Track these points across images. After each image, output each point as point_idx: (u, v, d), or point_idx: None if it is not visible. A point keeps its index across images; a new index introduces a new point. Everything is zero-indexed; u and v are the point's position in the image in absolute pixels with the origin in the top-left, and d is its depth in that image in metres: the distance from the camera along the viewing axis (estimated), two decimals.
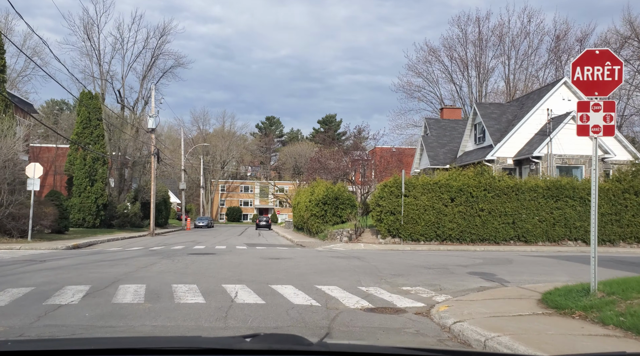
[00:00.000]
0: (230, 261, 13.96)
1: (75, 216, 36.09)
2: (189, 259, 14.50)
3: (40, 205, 21.93)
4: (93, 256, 15.85)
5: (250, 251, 18.96)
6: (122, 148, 46.25)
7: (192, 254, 16.54)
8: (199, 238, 30.97)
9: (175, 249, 19.78)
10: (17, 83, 46.09)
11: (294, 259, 15.03)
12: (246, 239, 31.21)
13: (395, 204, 22.71)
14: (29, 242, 20.59)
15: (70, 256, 15.43)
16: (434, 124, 36.95)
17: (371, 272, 11.93)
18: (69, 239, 23.78)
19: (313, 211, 29.67)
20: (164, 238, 32.31)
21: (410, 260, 15.54)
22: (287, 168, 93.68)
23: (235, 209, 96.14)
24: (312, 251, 19.16)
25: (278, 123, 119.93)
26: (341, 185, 30.52)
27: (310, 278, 10.46)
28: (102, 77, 43.92)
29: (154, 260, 13.76)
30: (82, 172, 36.81)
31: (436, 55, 48.04)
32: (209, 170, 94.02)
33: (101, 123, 38.74)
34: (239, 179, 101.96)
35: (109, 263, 13.04)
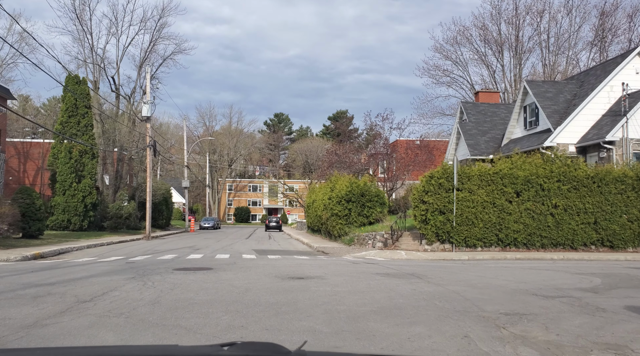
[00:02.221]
0: (230, 284, 9.13)
1: (58, 218, 31.46)
2: (170, 280, 9.68)
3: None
4: (30, 275, 11.08)
5: (261, 262, 14.13)
6: (117, 141, 41.65)
7: (180, 269, 11.72)
8: (199, 243, 26.20)
9: (162, 259, 14.98)
10: (1, 71, 41.64)
11: (325, 279, 10.17)
12: (255, 243, 26.40)
13: (445, 201, 17.79)
14: None
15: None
16: (471, 109, 31.96)
17: (465, 309, 7.07)
18: (35, 247, 19.09)
19: (334, 210, 24.82)
20: (159, 242, 27.58)
21: (494, 279, 10.65)
22: (297, 166, 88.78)
23: (244, 209, 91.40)
24: (343, 263, 14.29)
25: (287, 120, 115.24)
26: (367, 178, 25.65)
27: (374, 331, 5.63)
28: (94, 61, 39.31)
29: (113, 284, 8.96)
30: (67, 167, 32.15)
31: (466, 36, 43.00)
32: (215, 169, 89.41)
33: (90, 111, 34.07)
34: (247, 178, 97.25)
35: (36, 291, 8.25)
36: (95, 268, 12.34)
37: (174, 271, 11.45)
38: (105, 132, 41.23)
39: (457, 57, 44.54)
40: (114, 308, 6.60)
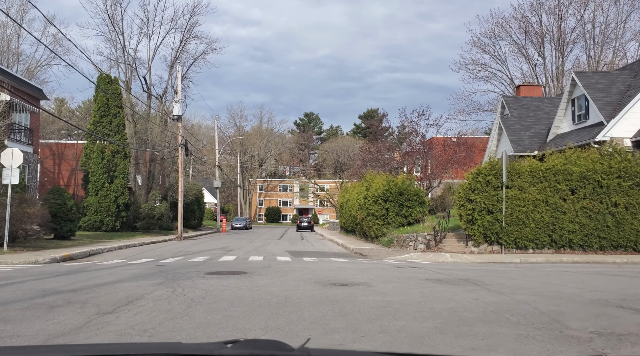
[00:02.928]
0: (267, 292, 8.21)
1: (91, 218, 31.32)
2: (201, 286, 8.84)
3: (22, 204, 16.82)
4: (54, 279, 10.41)
5: (297, 265, 13.21)
6: (149, 142, 41.49)
7: (212, 274, 10.89)
8: (232, 244, 25.52)
9: (193, 262, 14.23)
10: (36, 72, 42.04)
11: (372, 286, 9.16)
12: (288, 244, 25.55)
13: (494, 199, 16.52)
14: (4, 253, 15.46)
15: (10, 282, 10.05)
16: (513, 104, 30.36)
17: (545, 326, 5.96)
18: (66, 248, 18.66)
19: (370, 210, 23.76)
20: (191, 243, 27.03)
21: (562, 286, 9.45)
22: (328, 166, 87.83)
23: (274, 209, 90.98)
24: (386, 267, 13.23)
25: (317, 120, 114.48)
26: (405, 177, 24.48)
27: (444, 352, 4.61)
28: (126, 61, 39.23)
29: (139, 291, 8.16)
30: (100, 167, 31.99)
31: (504, 28, 41.22)
32: (246, 169, 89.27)
33: (121, 111, 33.88)
34: (278, 178, 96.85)
35: (54, 299, 7.50)
36: (123, 271, 11.64)
37: (206, 275, 10.62)
38: (137, 132, 41.12)
39: (495, 50, 42.83)
40: (138, 323, 5.74)
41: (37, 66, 42.25)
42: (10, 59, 38.02)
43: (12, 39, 38.66)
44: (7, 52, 37.89)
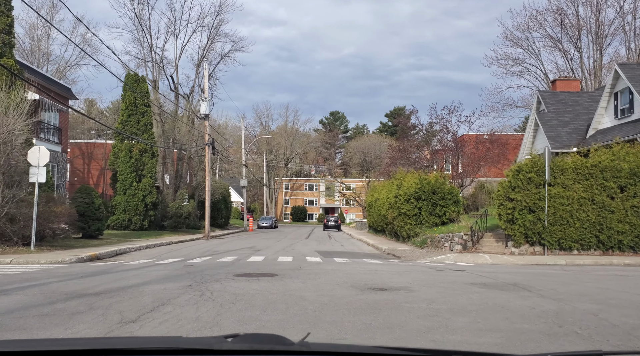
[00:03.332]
0: (301, 297, 7.61)
1: (119, 217, 31.30)
2: (231, 289, 8.28)
3: (49, 203, 16.61)
4: (78, 281, 10.01)
5: (329, 267, 12.59)
6: (176, 141, 41.44)
7: (241, 275, 10.35)
8: (259, 243, 25.06)
9: (222, 262, 13.74)
10: (65, 72, 42.43)
11: (414, 291, 8.47)
12: (316, 244, 24.96)
13: (536, 198, 15.60)
14: (31, 252, 15.25)
15: (34, 284, 9.68)
16: (550, 99, 29.14)
17: (624, 343, 5.20)
18: (93, 247, 18.44)
19: (402, 209, 22.98)
20: (218, 242, 26.69)
21: (624, 293, 8.61)
22: (354, 164, 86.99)
23: (300, 208, 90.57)
24: (423, 269, 12.50)
25: (343, 118, 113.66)
26: (438, 174, 23.62)
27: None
28: (153, 61, 39.23)
29: (166, 295, 7.65)
30: (128, 166, 31.95)
31: (538, 21, 39.76)
32: (272, 168, 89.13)
33: (149, 110, 33.81)
34: (303, 177, 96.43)
35: (76, 304, 7.04)
36: (149, 272, 11.20)
37: (235, 277, 10.09)
38: (165, 131, 41.13)
39: (529, 44, 41.38)
40: (163, 334, 5.19)
41: (67, 66, 42.67)
42: (41, 60, 38.42)
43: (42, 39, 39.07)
44: (37, 52, 38.30)
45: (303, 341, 1.88)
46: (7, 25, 17.83)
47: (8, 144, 15.35)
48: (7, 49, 17.88)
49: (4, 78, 16.77)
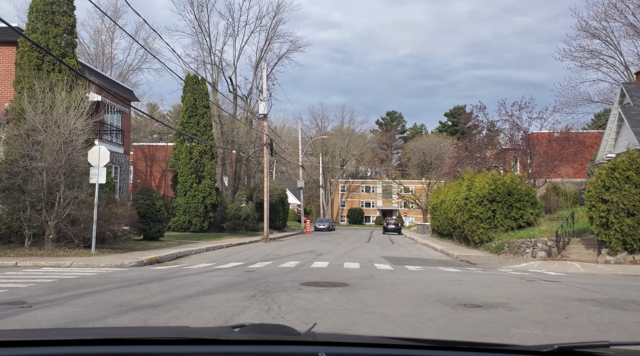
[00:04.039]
0: (383, 316, 6.47)
1: (180, 219, 31.26)
2: (300, 303, 7.27)
3: (110, 205, 16.30)
4: (135, 289, 9.31)
5: (403, 276, 11.38)
6: (235, 142, 41.34)
7: (308, 284, 9.34)
8: (319, 246, 24.10)
9: (284, 268, 12.82)
10: (128, 76, 43.31)
11: (514, 308, 7.15)
12: (380, 248, 23.72)
13: (635, 199, 13.73)
14: (91, 255, 14.93)
15: (89, 291, 9.04)
16: (636, 91, 26.49)
17: None
18: (153, 250, 18.05)
19: (474, 212, 21.36)
20: (277, 245, 25.95)
21: None
22: (413, 165, 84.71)
23: (357, 210, 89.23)
24: (511, 280, 11.05)
25: (400, 118, 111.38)
26: (513, 174, 21.82)
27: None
28: (212, 62, 39.29)
29: (228, 309, 6.73)
30: (188, 167, 31.91)
31: (619, 8, 36.66)
32: (328, 170, 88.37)
33: (208, 111, 33.72)
34: (360, 179, 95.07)
35: (130, 320, 6.22)
36: (210, 279, 10.40)
37: (302, 286, 9.08)
38: (223, 133, 41.13)
39: (607, 35, 38.30)
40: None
41: (129, 70, 43.53)
42: (105, 64, 39.29)
43: (106, 44, 39.98)
44: (101, 57, 39.22)
45: (310, 331, 1.88)
46: (70, 26, 17.77)
47: (69, 144, 15.13)
48: (70, 49, 17.81)
49: (66, 78, 16.65)
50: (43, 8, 17.16)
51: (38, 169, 14.83)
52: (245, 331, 1.82)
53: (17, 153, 15.00)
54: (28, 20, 17.43)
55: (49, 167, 14.83)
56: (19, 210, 14.86)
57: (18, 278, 10.46)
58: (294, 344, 1.77)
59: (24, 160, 14.86)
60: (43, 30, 17.10)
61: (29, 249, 14.84)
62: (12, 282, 9.68)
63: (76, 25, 18.18)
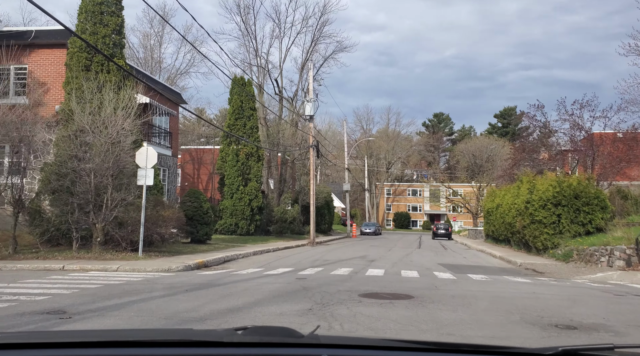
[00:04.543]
0: (464, 338, 5.53)
1: (227, 221, 30.99)
2: (364, 320, 6.40)
3: (157, 207, 15.94)
4: (182, 297, 8.69)
5: (471, 287, 10.32)
6: (280, 145, 40.95)
7: (368, 296, 8.46)
8: (369, 252, 23.15)
9: (337, 276, 11.98)
10: (175, 80, 43.71)
11: (619, 332, 6.04)
12: (434, 254, 22.54)
13: None
14: (138, 258, 14.56)
15: (133, 300, 8.46)
16: None
17: None
18: (201, 253, 17.61)
19: (536, 216, 19.92)
20: (325, 249, 25.17)
21: None
22: (461, 168, 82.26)
23: (403, 214, 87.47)
24: (595, 293, 9.80)
25: (447, 120, 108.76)
26: (580, 176, 20.23)
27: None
28: (258, 64, 39.06)
29: (285, 325, 5.95)
30: (234, 170, 31.63)
31: None
32: (373, 173, 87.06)
33: (255, 113, 33.39)
34: (406, 182, 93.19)
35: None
36: (260, 286, 9.68)
37: (362, 298, 8.22)
38: (269, 135, 40.85)
39: None
40: None
41: (177, 73, 43.91)
42: (153, 68, 39.70)
43: (154, 49, 40.41)
44: (150, 61, 39.66)
45: (313, 334, 1.86)
46: (118, 26, 17.61)
47: (117, 145, 14.84)
48: (118, 50, 17.65)
49: (114, 78, 16.44)
50: (92, 8, 17.05)
51: (86, 171, 14.60)
52: (248, 334, 1.81)
53: (65, 155, 14.83)
54: (77, 21, 17.37)
55: (97, 168, 14.58)
56: (67, 212, 14.67)
57: (63, 282, 10.06)
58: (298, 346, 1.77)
59: (72, 161, 14.67)
60: (92, 31, 16.98)
61: (76, 252, 14.61)
62: (57, 287, 9.27)
63: (124, 26, 18.02)
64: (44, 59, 19.86)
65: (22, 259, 13.83)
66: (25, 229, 15.96)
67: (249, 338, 1.78)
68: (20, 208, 15.08)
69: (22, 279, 10.53)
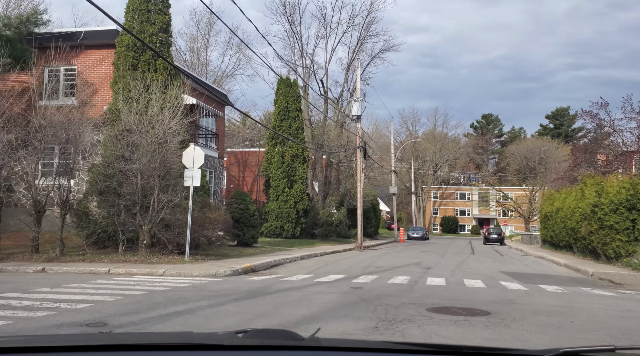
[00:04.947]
0: None
1: (272, 224, 30.46)
2: (442, 341, 5.45)
3: (204, 209, 15.41)
4: (230, 308, 7.99)
5: (549, 300, 9.16)
6: (325, 146, 40.22)
7: (437, 311, 7.50)
8: (422, 257, 22.02)
9: (397, 285, 11.02)
10: (221, 82, 43.74)
11: None
12: (491, 261, 21.19)
13: None
14: (185, 262, 14.05)
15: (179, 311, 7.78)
16: None
17: None
18: (248, 257, 17.00)
19: (606, 221, 18.31)
20: (374, 255, 24.17)
21: None
22: (512, 171, 79.21)
23: (451, 218, 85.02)
24: None
25: (496, 121, 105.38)
26: None
27: None
28: (303, 65, 38.51)
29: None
30: (280, 171, 31.09)
31: None
32: (419, 176, 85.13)
33: (300, 114, 32.79)
34: (453, 185, 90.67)
35: None
36: (314, 296, 8.87)
37: (431, 313, 7.26)
38: (314, 137, 40.20)
39: None
40: None
41: (223, 76, 43.95)
42: (200, 70, 39.80)
43: (201, 51, 40.52)
44: (197, 64, 39.77)
45: (314, 336, 1.86)
46: (165, 24, 17.30)
47: (163, 145, 14.41)
48: (165, 48, 17.32)
49: (161, 77, 16.07)
50: (139, 7, 16.79)
51: (132, 171, 14.23)
52: (249, 337, 1.81)
53: (112, 155, 14.52)
54: (125, 20, 17.15)
55: (144, 169, 14.18)
56: (113, 214, 14.33)
57: (107, 288, 9.56)
58: (299, 349, 1.77)
59: (118, 162, 14.33)
60: (139, 29, 16.70)
61: (122, 255, 14.25)
62: (100, 294, 8.75)
63: (171, 24, 17.69)
64: (93, 59, 19.82)
65: (68, 261, 13.57)
66: (73, 231, 15.78)
67: (249, 341, 1.77)
68: (67, 209, 14.87)
69: (67, 283, 10.12)
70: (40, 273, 12.13)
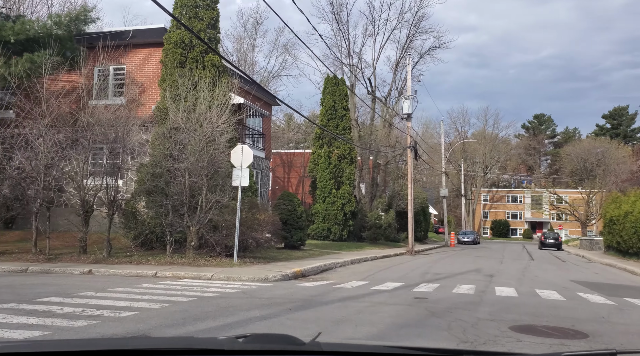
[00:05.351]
0: None
1: (319, 226, 29.72)
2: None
3: (252, 210, 14.77)
4: (286, 320, 7.18)
5: None
6: (373, 146, 39.18)
7: (524, 332, 6.47)
8: (479, 263, 20.73)
9: (463, 296, 9.98)
10: (267, 83, 43.46)
11: None
12: (555, 268, 19.67)
13: None
14: (233, 265, 13.43)
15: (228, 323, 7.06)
16: None
17: None
18: (296, 260, 16.27)
19: None
20: (427, 260, 23.02)
21: None
22: (567, 173, 75.56)
23: (502, 222, 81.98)
24: None
25: (549, 121, 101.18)
26: None
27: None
28: (350, 64, 37.64)
29: None
30: (327, 172, 30.31)
31: None
32: (468, 178, 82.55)
33: (347, 114, 31.94)
34: (504, 188, 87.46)
35: None
36: (377, 309, 7.98)
37: (517, 334, 6.26)
38: (361, 137, 39.25)
39: None
40: None
41: (269, 76, 43.66)
42: (246, 71, 39.61)
43: (247, 52, 40.35)
44: (243, 64, 39.60)
45: (314, 341, 1.85)
46: (213, 19, 16.84)
47: (211, 143, 13.87)
48: (213, 44, 16.85)
49: (209, 74, 15.59)
50: (187, 2, 16.39)
51: (180, 171, 13.76)
52: (249, 341, 1.80)
53: (160, 154, 14.11)
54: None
55: (191, 168, 13.69)
56: (161, 214, 13.91)
57: (153, 293, 9.00)
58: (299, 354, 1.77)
59: (166, 161, 13.90)
60: (187, 26, 16.26)
61: (170, 257, 13.79)
62: (145, 299, 8.16)
63: (219, 20, 17.20)
64: (141, 58, 19.63)
65: (115, 263, 13.21)
66: (120, 232, 15.48)
67: (250, 346, 1.76)
68: (115, 210, 14.56)
69: (112, 286, 9.63)
70: (86, 275, 11.78)
